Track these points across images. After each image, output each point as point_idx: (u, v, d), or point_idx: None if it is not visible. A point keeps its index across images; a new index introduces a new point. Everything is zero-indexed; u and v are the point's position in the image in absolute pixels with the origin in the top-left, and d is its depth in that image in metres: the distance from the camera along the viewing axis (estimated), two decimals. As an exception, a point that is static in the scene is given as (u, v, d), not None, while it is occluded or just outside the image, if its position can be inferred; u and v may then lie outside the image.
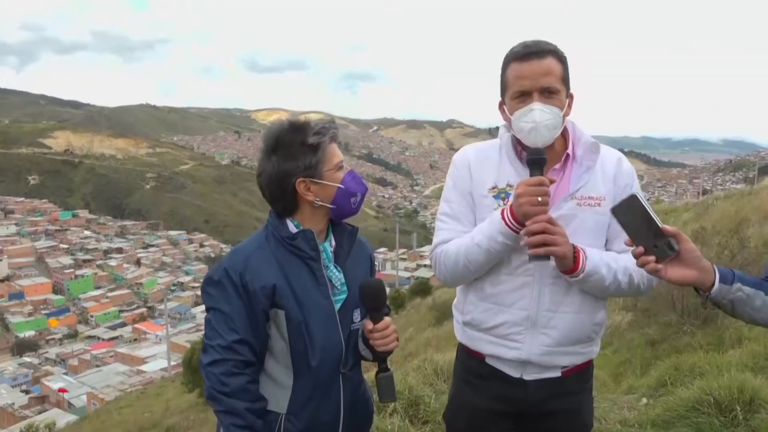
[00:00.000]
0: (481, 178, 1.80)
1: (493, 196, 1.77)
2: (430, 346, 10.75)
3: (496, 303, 1.79)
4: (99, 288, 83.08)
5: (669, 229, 1.39)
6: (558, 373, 1.80)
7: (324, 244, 1.71)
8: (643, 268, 1.42)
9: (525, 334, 1.76)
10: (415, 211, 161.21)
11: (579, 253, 1.66)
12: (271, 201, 1.70)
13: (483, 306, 1.81)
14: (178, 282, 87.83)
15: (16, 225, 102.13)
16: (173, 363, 33.52)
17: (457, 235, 1.80)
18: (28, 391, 44.75)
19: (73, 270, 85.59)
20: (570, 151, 1.78)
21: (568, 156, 1.78)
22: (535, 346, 1.76)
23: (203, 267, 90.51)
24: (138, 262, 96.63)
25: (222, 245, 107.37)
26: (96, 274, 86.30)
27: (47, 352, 60.50)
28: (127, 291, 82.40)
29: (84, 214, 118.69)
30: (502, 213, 1.68)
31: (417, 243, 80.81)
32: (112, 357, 49.61)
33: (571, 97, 1.75)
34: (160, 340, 50.06)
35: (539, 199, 1.59)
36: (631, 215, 1.42)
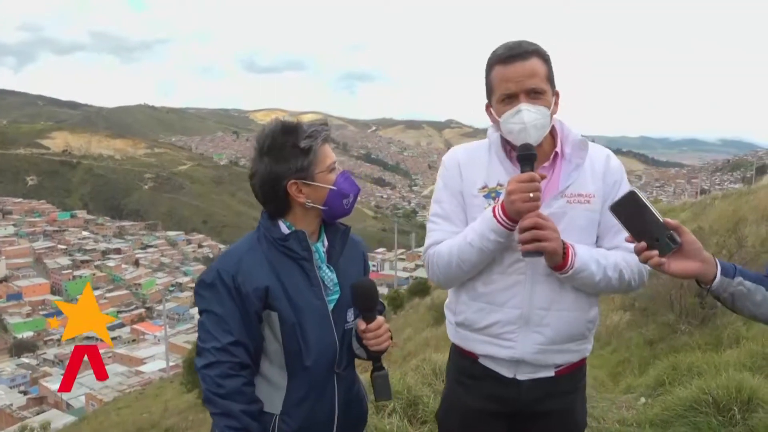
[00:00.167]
0: (471, 177, 1.80)
1: (484, 196, 1.77)
2: (428, 346, 10.75)
3: (488, 302, 1.78)
4: (97, 289, 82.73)
5: (670, 222, 1.39)
6: (551, 373, 1.80)
7: (316, 245, 1.71)
8: (646, 263, 1.42)
9: (518, 332, 1.76)
10: (414, 212, 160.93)
11: (568, 250, 1.67)
12: (263, 202, 1.70)
13: (475, 306, 1.81)
14: (177, 283, 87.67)
15: (14, 226, 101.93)
16: (172, 364, 33.52)
17: (449, 236, 1.79)
18: (26, 392, 44.72)
19: (71, 271, 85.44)
20: (558, 149, 1.78)
21: (556, 154, 1.78)
22: (528, 344, 1.76)
23: (202, 267, 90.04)
24: (136, 263, 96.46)
25: (220, 245, 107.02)
26: (94, 274, 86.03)
27: (45, 353, 60.28)
28: (125, 292, 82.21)
29: (82, 214, 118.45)
30: (494, 210, 1.68)
31: (415, 243, 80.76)
32: (110, 358, 49.41)
33: (557, 95, 1.76)
34: (159, 340, 50.05)
35: (531, 195, 1.59)
36: (632, 211, 1.41)
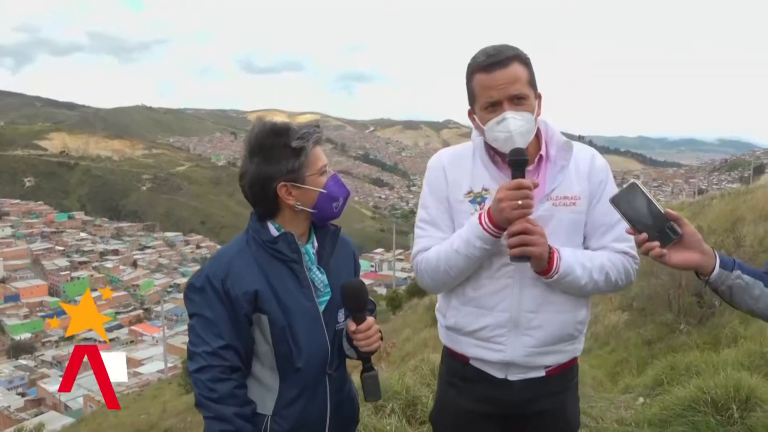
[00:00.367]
0: (456, 181, 1.80)
1: (470, 201, 1.77)
2: (427, 346, 10.73)
3: (478, 306, 1.78)
4: (95, 290, 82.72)
5: (671, 212, 1.39)
6: (542, 373, 1.80)
7: (306, 246, 1.70)
8: (647, 254, 1.42)
9: (508, 336, 1.76)
10: (412, 212, 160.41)
11: (553, 254, 1.67)
12: (252, 203, 1.69)
13: (465, 310, 1.81)
14: (175, 284, 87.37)
15: (12, 227, 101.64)
16: (170, 365, 33.52)
17: (436, 242, 1.79)
18: (24, 394, 44.70)
19: (68, 272, 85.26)
20: (543, 152, 1.78)
21: (541, 157, 1.78)
22: (518, 347, 1.76)
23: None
24: (134, 264, 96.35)
25: (219, 246, 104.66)
26: (92, 276, 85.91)
27: (43, 355, 60.26)
28: (123, 293, 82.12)
29: (80, 215, 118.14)
30: (480, 218, 1.67)
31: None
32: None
33: (540, 98, 1.75)
34: (157, 341, 50.00)
35: (519, 202, 1.59)
36: (632, 203, 1.42)
